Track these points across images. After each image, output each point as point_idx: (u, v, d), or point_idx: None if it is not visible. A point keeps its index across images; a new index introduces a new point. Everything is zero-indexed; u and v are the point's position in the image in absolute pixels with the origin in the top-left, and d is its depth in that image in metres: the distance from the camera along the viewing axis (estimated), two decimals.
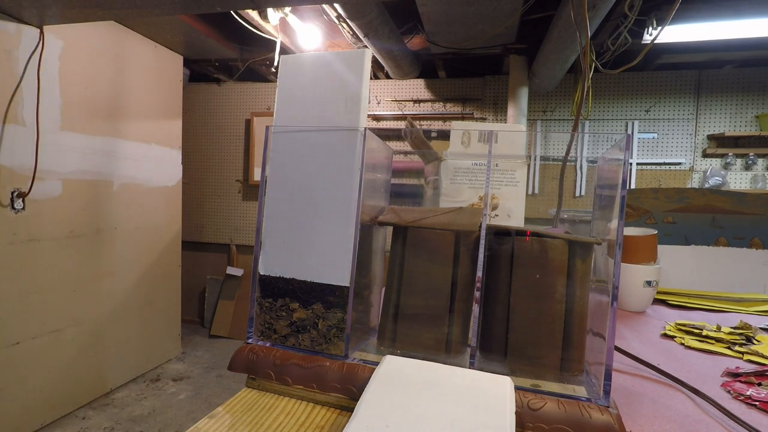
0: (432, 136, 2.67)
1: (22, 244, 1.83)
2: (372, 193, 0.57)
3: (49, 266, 1.95)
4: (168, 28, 2.45)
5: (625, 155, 0.44)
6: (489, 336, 0.51)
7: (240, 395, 0.50)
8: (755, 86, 2.73)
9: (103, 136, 2.23)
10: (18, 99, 1.78)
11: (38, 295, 1.91)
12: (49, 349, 1.97)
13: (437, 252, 0.52)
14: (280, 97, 0.58)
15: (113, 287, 2.34)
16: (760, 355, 0.65)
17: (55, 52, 1.95)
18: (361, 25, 2.08)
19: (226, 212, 3.57)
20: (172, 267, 2.81)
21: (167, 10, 1.53)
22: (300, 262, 0.54)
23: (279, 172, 0.56)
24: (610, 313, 0.43)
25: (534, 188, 2.72)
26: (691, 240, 1.32)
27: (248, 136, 3.48)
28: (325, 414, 0.47)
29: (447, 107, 3.13)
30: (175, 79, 2.77)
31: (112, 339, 2.34)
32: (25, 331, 1.86)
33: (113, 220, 2.32)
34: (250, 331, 0.56)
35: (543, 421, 0.41)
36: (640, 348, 0.69)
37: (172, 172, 2.76)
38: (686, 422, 0.46)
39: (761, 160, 2.73)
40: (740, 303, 0.97)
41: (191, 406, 2.29)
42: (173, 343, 2.88)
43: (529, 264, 0.49)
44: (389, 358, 0.47)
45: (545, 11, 2.17)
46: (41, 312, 1.93)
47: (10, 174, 1.77)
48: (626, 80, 2.87)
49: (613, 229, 0.45)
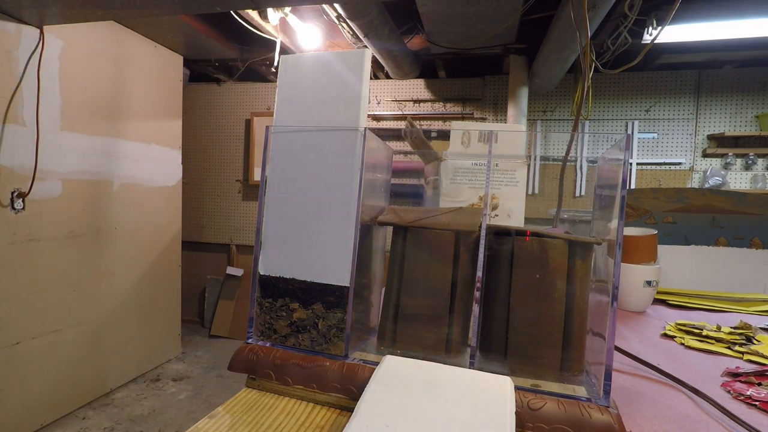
0: (432, 136, 2.67)
1: (22, 244, 1.83)
2: (372, 193, 0.57)
3: (49, 266, 1.95)
4: (168, 28, 2.45)
5: (625, 155, 0.44)
6: (489, 336, 0.51)
7: (240, 395, 0.50)
8: (755, 86, 2.73)
9: (103, 136, 2.23)
10: (18, 99, 1.78)
11: (38, 295, 1.91)
12: (49, 349, 1.97)
13: (437, 252, 0.52)
14: (280, 97, 0.58)
15: (113, 287, 2.34)
16: (760, 355, 0.65)
17: (55, 52, 1.95)
18: (361, 25, 2.08)
19: (226, 212, 3.57)
20: (172, 267, 2.81)
21: (167, 10, 1.53)
22: (300, 262, 0.54)
23: (279, 172, 0.56)
24: (610, 313, 0.43)
25: (534, 188, 2.73)
26: (691, 240, 1.32)
27: (248, 136, 3.48)
28: (325, 414, 0.47)
29: (447, 107, 3.13)
30: (175, 79, 2.77)
31: (112, 339, 2.34)
32: (25, 331, 1.86)
33: (113, 220, 2.32)
34: (250, 331, 0.56)
35: (543, 421, 0.41)
36: (640, 348, 0.69)
37: (172, 172, 2.76)
38: (686, 422, 0.46)
39: (761, 160, 2.73)
40: (740, 303, 0.97)
41: (191, 406, 2.29)
42: (173, 343, 2.88)
43: (529, 264, 0.49)
44: (389, 358, 0.47)
45: (545, 11, 2.17)
46: (41, 312, 1.93)
47: (10, 174, 1.77)
48: (626, 80, 2.87)
49: (613, 229, 0.45)
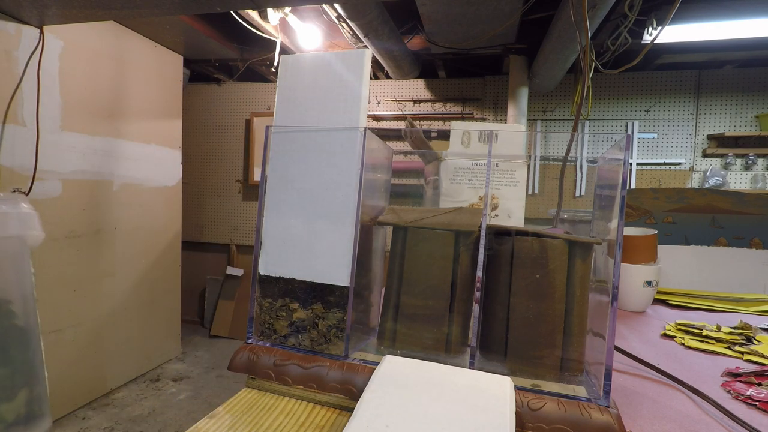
0: (432, 136, 2.67)
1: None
2: (372, 193, 0.57)
3: (49, 266, 1.95)
4: (168, 28, 2.45)
5: (625, 155, 0.44)
6: (489, 336, 0.51)
7: (240, 395, 0.50)
8: (755, 86, 2.73)
9: (103, 136, 2.23)
10: (18, 99, 1.78)
11: (38, 295, 1.91)
12: (49, 349, 1.97)
13: (437, 252, 0.52)
14: (280, 97, 0.58)
15: (113, 287, 2.34)
16: (760, 355, 0.65)
17: (55, 52, 1.95)
18: (361, 25, 2.08)
19: (226, 212, 3.57)
20: (172, 267, 2.81)
21: (167, 10, 1.53)
22: (300, 262, 0.54)
23: (279, 172, 0.56)
24: (610, 313, 0.43)
25: (534, 188, 2.73)
26: (691, 240, 1.32)
27: (248, 136, 3.48)
28: (325, 414, 0.47)
29: (447, 107, 3.13)
30: (175, 79, 2.77)
31: (112, 339, 2.34)
32: None
33: (113, 220, 2.32)
34: (250, 331, 0.56)
35: (543, 421, 0.41)
36: (640, 348, 0.69)
37: (172, 172, 2.76)
38: (686, 422, 0.46)
39: (761, 160, 2.73)
40: (740, 303, 0.97)
41: (191, 406, 2.29)
42: (173, 343, 2.88)
43: (529, 264, 0.49)
44: (389, 358, 0.47)
45: (545, 11, 2.17)
46: (41, 312, 1.93)
47: (10, 174, 1.77)
48: (626, 80, 2.87)
49: (613, 229, 0.45)
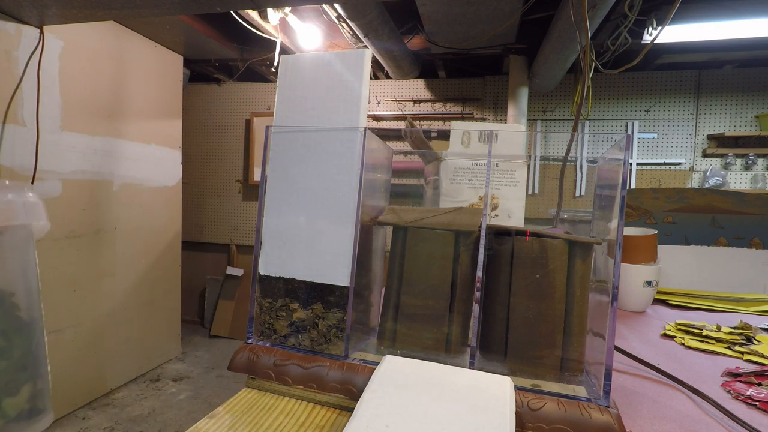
0: (432, 136, 2.67)
1: None
2: (372, 193, 0.57)
3: (49, 266, 1.95)
4: (168, 28, 2.45)
5: (625, 155, 0.44)
6: (489, 336, 0.51)
7: (240, 395, 0.50)
8: (755, 86, 2.73)
9: (103, 136, 2.23)
10: (18, 99, 1.78)
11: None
12: (49, 349, 1.95)
13: (437, 252, 0.52)
14: (280, 97, 0.58)
15: (113, 287, 2.34)
16: (760, 355, 0.65)
17: (55, 52, 1.95)
18: (361, 25, 2.08)
19: (226, 212, 3.56)
20: (172, 267, 2.80)
21: (167, 10, 1.53)
22: (300, 262, 0.54)
23: (279, 172, 0.56)
24: (610, 313, 0.43)
25: (534, 188, 2.73)
26: (691, 240, 1.32)
27: (248, 136, 3.48)
28: (325, 414, 0.47)
29: (447, 107, 3.13)
30: (175, 79, 2.76)
31: (112, 339, 2.34)
32: None
33: (113, 220, 2.32)
34: (250, 331, 0.56)
35: (543, 421, 0.41)
36: (640, 348, 0.69)
37: (172, 172, 2.76)
38: (686, 422, 0.46)
39: (761, 160, 2.73)
40: (740, 303, 0.97)
41: (191, 406, 2.29)
42: (173, 343, 2.88)
43: (529, 264, 0.49)
44: (389, 358, 0.47)
45: (545, 11, 2.17)
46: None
47: (10, 174, 1.77)
48: (626, 80, 2.87)
49: (613, 229, 0.45)
